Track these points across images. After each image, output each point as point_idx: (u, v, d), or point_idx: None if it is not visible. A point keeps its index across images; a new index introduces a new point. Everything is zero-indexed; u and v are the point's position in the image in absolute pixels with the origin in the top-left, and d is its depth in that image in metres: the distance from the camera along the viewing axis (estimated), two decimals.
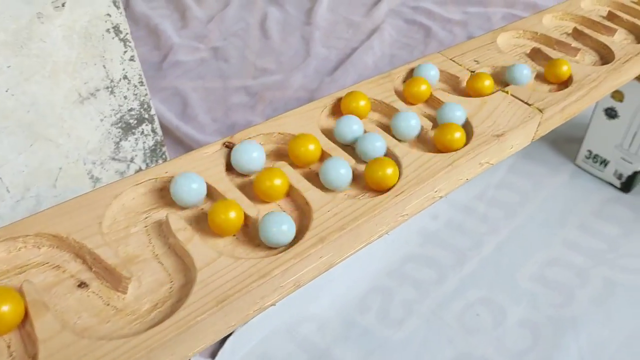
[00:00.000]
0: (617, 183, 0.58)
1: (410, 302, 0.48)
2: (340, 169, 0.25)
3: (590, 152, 0.59)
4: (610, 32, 0.41)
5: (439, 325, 0.46)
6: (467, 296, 0.48)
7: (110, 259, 0.22)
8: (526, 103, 0.32)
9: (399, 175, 0.26)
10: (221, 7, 0.85)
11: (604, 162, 0.58)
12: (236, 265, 0.22)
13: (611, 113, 0.55)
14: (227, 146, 0.27)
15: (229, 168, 0.27)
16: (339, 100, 0.31)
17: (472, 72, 0.35)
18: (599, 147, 0.58)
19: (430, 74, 0.34)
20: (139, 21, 0.81)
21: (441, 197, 0.28)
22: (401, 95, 0.33)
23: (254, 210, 0.24)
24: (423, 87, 0.32)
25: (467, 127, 0.30)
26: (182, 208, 0.25)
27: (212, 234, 0.24)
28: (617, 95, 0.53)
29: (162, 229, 0.24)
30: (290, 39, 0.79)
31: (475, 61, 0.36)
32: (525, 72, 0.34)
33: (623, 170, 0.57)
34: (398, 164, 0.27)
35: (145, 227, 0.24)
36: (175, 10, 0.84)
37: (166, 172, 0.26)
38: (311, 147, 0.27)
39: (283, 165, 0.26)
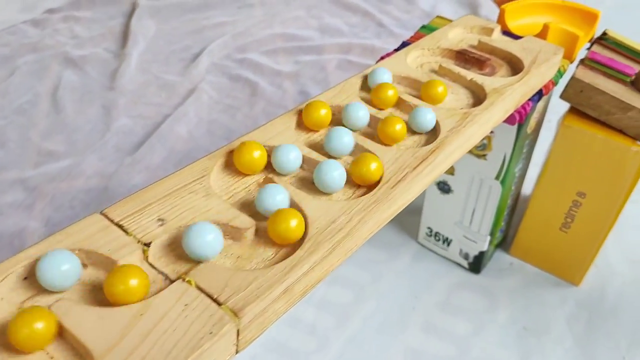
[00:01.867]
0: (465, 263, 0.49)
1: None
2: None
3: (430, 229, 0.50)
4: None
5: None
6: None
7: None
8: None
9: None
10: (6, 74, 0.70)
11: (447, 241, 0.49)
12: None
13: (444, 187, 0.46)
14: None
15: None
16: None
17: None
18: (439, 225, 0.49)
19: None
20: None
21: None
22: None
23: None
24: None
25: None
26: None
27: None
28: (450, 168, 0.45)
29: None
30: (88, 110, 0.65)
31: None
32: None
33: (468, 249, 0.48)
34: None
35: None
36: None
37: None
38: None
39: None
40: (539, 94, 0.36)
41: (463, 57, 0.35)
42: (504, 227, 0.49)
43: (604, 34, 0.41)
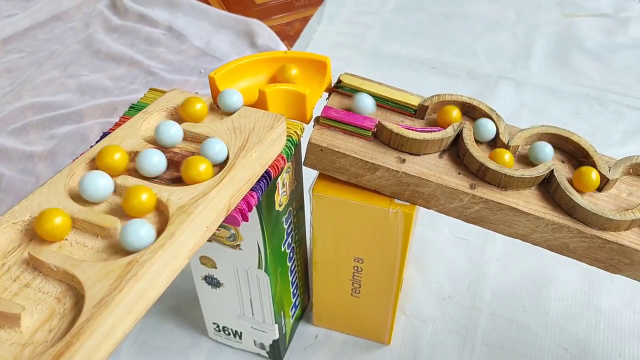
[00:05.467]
0: (264, 352, 0.43)
1: None
2: None
3: (217, 324, 0.43)
4: None
5: None
6: None
7: None
8: None
9: None
10: None
11: (237, 334, 0.42)
12: None
13: (212, 281, 0.39)
14: None
15: None
16: None
17: None
18: (223, 319, 0.42)
19: None
20: None
21: None
22: None
23: None
24: None
25: None
26: None
27: None
28: (208, 261, 0.37)
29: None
30: None
31: None
32: None
33: (261, 339, 0.42)
34: None
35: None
36: None
37: None
38: None
39: None
40: (267, 179, 0.30)
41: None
42: (298, 303, 0.43)
43: (339, 81, 0.36)
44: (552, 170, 0.31)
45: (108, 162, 0.25)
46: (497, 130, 0.33)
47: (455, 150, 0.33)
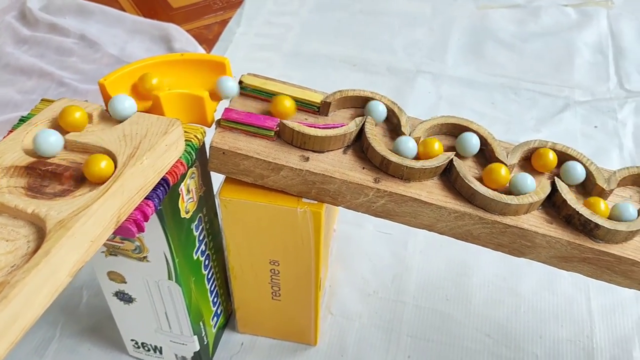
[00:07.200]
0: None
1: None
2: None
3: (135, 341, 0.41)
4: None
5: None
6: None
7: None
8: None
9: None
10: None
11: (157, 349, 0.41)
12: None
13: (124, 297, 0.37)
14: None
15: None
16: None
17: None
18: (141, 335, 0.40)
19: None
20: None
21: None
22: None
23: None
24: None
25: None
26: None
27: None
28: (117, 276, 0.36)
29: None
30: None
31: None
32: None
33: (182, 352, 0.40)
34: None
35: None
36: None
37: None
38: None
39: None
40: (164, 186, 0.29)
41: (36, 172, 0.26)
42: (220, 311, 0.42)
43: (240, 82, 0.35)
44: (452, 159, 0.31)
45: None
46: (399, 122, 0.33)
47: (360, 145, 0.33)
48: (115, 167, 0.26)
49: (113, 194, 0.25)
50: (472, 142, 0.32)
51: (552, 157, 0.32)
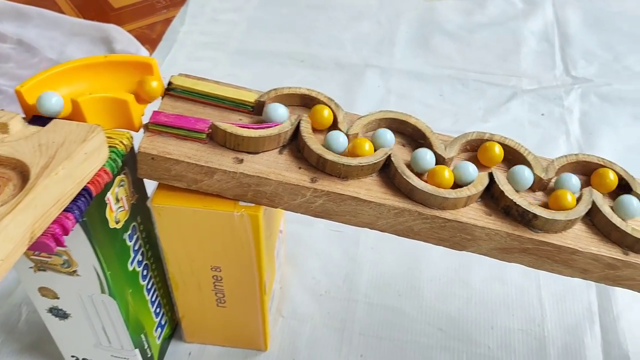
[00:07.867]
0: None
1: None
2: None
3: (75, 357, 0.39)
4: None
5: None
6: None
7: None
8: None
9: None
10: None
11: None
12: None
13: (58, 313, 0.35)
14: None
15: None
16: None
17: None
18: (80, 351, 0.39)
19: None
20: None
21: None
22: None
23: None
24: None
25: None
26: None
27: None
28: (48, 292, 0.34)
29: None
30: None
31: None
32: None
33: None
34: None
35: None
36: None
37: None
38: None
39: None
40: (86, 197, 0.27)
41: None
42: (164, 322, 0.41)
43: (170, 83, 0.33)
44: (390, 155, 0.31)
45: None
46: (336, 118, 0.32)
47: (296, 145, 0.32)
48: (28, 179, 0.24)
49: (24, 209, 0.23)
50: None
51: (498, 150, 0.32)
